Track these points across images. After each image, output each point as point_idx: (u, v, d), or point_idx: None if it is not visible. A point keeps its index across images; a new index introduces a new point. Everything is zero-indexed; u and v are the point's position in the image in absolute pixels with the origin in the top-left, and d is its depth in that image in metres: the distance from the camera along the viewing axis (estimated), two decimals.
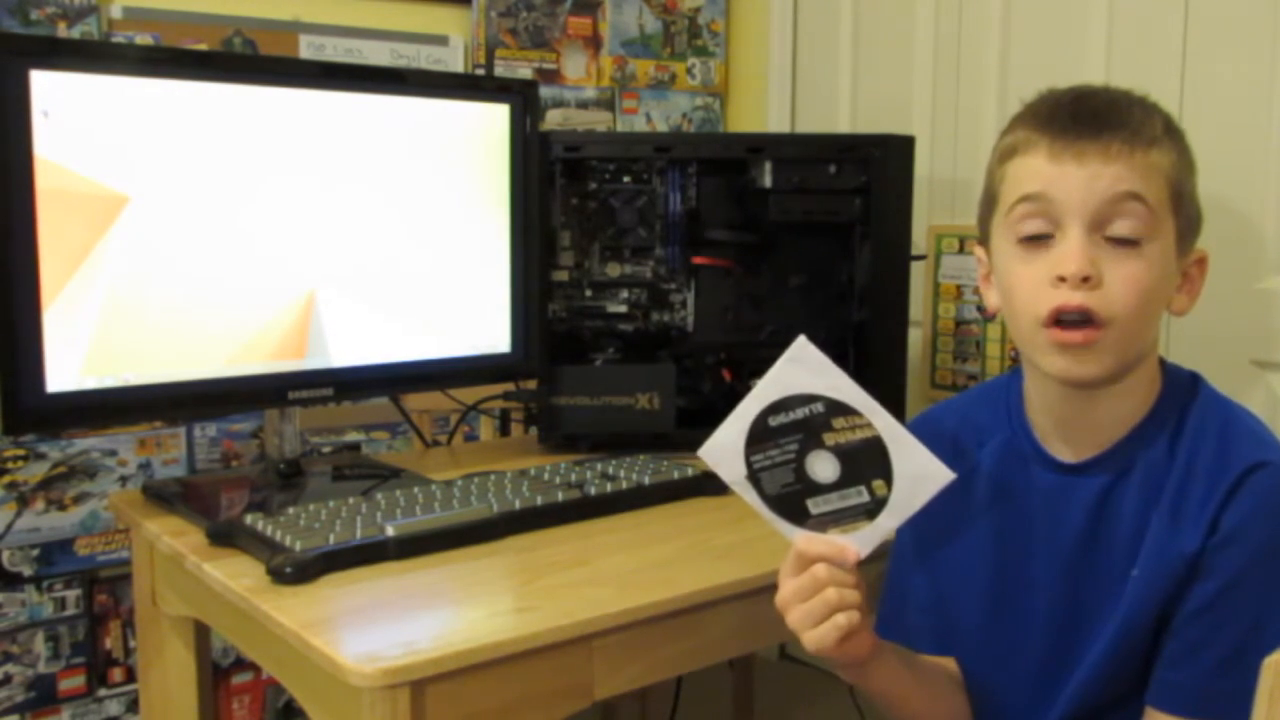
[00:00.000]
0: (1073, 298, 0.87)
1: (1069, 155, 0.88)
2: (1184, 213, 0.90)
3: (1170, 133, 0.91)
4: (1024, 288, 0.90)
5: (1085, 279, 0.86)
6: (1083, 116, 0.89)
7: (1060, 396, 0.95)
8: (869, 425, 0.88)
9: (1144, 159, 0.87)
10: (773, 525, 0.91)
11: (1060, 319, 0.88)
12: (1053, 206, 0.88)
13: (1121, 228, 0.87)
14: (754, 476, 0.90)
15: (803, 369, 0.89)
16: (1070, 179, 0.87)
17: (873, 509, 0.89)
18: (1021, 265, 0.91)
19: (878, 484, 0.89)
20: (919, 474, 0.88)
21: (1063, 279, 0.87)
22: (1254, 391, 1.50)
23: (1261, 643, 0.85)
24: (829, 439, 0.89)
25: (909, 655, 1.02)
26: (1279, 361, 1.50)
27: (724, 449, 0.91)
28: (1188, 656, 0.88)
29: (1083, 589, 0.94)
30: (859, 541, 0.89)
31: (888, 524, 0.89)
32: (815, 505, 0.90)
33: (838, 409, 0.88)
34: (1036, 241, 0.90)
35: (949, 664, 1.06)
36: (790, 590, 0.88)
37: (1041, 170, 0.89)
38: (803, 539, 0.89)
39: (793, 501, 0.90)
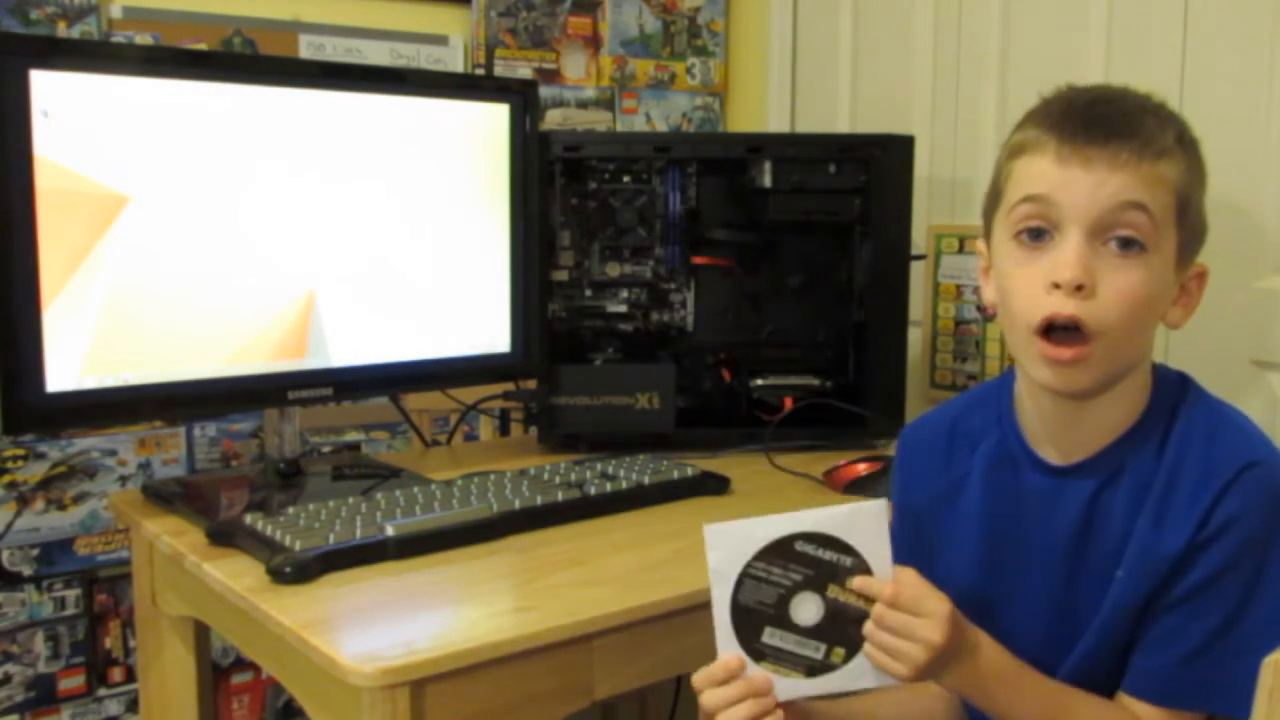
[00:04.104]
0: (1065, 306, 0.86)
1: (1076, 160, 0.87)
2: (1187, 225, 0.89)
3: (1183, 144, 0.89)
4: (1020, 292, 0.89)
5: (1079, 287, 0.85)
6: (1094, 122, 0.88)
7: (1050, 402, 0.95)
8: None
9: (1151, 170, 0.86)
10: (717, 628, 0.90)
11: (1051, 328, 0.87)
12: (1055, 210, 0.87)
13: (1123, 236, 0.86)
14: (741, 578, 0.89)
15: (863, 527, 0.89)
16: (1076, 184, 0.87)
17: (815, 669, 0.89)
18: (1019, 267, 0.90)
19: (837, 651, 0.89)
20: (874, 666, 0.88)
21: (1057, 285, 0.86)
22: (1254, 391, 1.50)
23: (1234, 638, 0.86)
24: (831, 590, 0.89)
25: (844, 705, 1.00)
26: (1279, 361, 1.49)
27: (736, 540, 0.89)
28: (1161, 644, 0.89)
29: (1074, 592, 0.94)
30: (782, 688, 0.89)
31: (817, 688, 0.90)
32: (770, 636, 0.89)
33: (863, 573, 0.89)
34: (1036, 243, 0.89)
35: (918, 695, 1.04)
36: (719, 700, 0.88)
37: (1047, 172, 0.88)
38: (734, 659, 0.89)
39: (753, 621, 0.89)
